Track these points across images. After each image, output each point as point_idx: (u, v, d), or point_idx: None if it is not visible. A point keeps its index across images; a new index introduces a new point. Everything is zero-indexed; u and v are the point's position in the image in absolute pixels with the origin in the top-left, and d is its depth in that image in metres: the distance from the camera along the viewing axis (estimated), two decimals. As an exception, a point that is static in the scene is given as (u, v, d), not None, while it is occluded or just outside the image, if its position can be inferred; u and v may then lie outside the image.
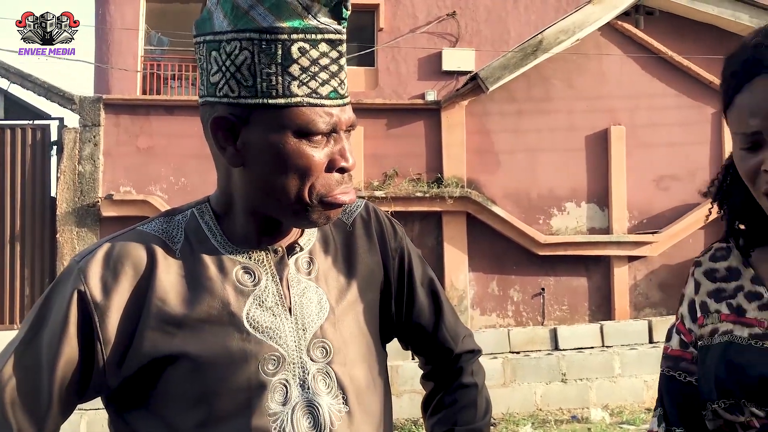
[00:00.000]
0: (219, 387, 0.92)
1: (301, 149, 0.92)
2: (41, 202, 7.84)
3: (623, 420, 5.81)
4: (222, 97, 0.93)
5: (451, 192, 7.63)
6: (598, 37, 8.13)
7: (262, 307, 0.96)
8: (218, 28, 0.93)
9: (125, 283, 0.94)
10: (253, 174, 0.95)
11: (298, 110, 0.92)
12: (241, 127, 0.93)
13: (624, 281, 7.96)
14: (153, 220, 1.02)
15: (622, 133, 8.10)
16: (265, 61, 0.90)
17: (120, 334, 0.93)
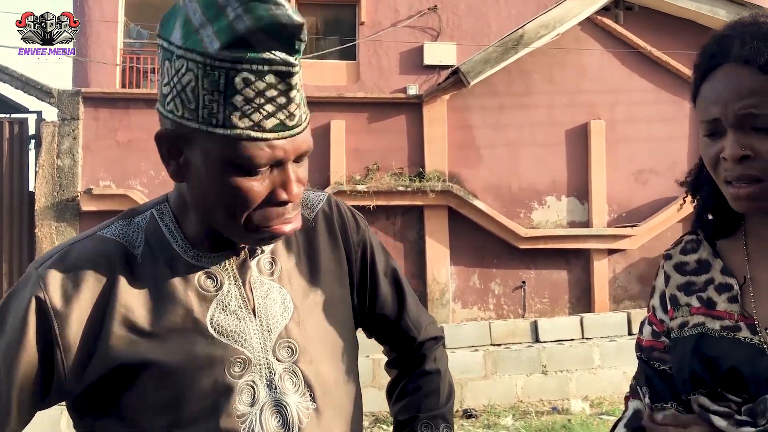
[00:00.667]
0: (186, 392, 0.92)
1: (238, 183, 0.89)
2: (19, 197, 7.75)
3: (603, 411, 5.88)
4: (168, 111, 0.90)
5: (433, 186, 7.65)
6: (578, 32, 8.19)
7: (225, 311, 0.96)
8: (173, 38, 0.89)
9: (86, 291, 0.92)
10: (193, 192, 0.94)
11: (238, 143, 0.87)
12: (185, 146, 0.90)
13: (603, 274, 8.04)
14: (112, 224, 1.00)
15: (601, 128, 8.17)
16: (208, 87, 0.86)
17: (82, 342, 0.91)
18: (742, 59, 0.95)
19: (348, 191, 7.59)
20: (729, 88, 0.96)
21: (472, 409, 5.94)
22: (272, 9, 0.84)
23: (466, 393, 6.05)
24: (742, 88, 0.94)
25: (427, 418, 1.18)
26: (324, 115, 7.80)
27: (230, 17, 0.84)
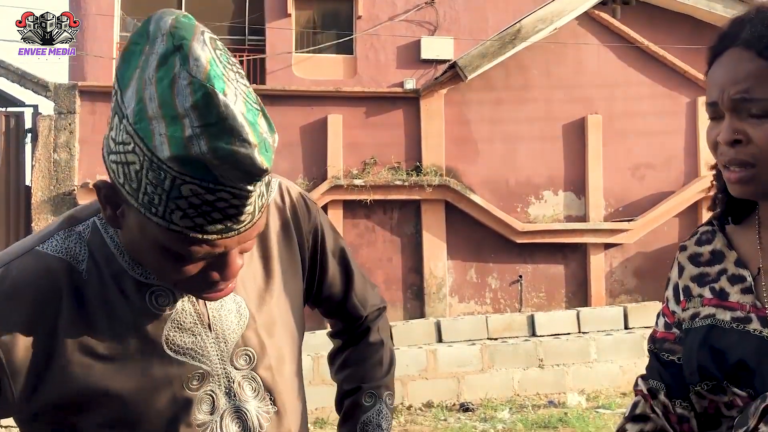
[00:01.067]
0: (144, 411, 0.92)
1: (169, 264, 0.85)
2: (16, 191, 7.74)
3: (599, 404, 5.90)
4: (111, 170, 0.82)
5: (430, 180, 7.66)
6: (576, 27, 8.19)
7: (180, 329, 0.94)
8: (126, 101, 0.79)
9: (31, 315, 0.87)
10: (127, 242, 0.90)
11: (175, 235, 0.81)
12: (123, 204, 0.84)
13: (600, 268, 8.07)
14: (52, 236, 0.92)
15: (598, 122, 8.18)
16: (152, 180, 0.77)
17: (31, 367, 0.87)
18: (746, 43, 0.94)
19: (345, 185, 7.59)
20: (727, 72, 0.96)
21: (469, 403, 5.96)
22: (235, 146, 0.75)
23: (462, 386, 6.07)
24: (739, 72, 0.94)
25: (371, 389, 1.20)
26: (321, 110, 7.80)
27: (186, 132, 0.75)
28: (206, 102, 0.75)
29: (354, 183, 7.60)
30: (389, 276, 7.80)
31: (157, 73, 0.77)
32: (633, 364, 6.41)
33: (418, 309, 7.80)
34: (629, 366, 6.40)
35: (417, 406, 5.91)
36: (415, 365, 6.01)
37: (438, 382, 6.05)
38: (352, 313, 1.23)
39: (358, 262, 1.24)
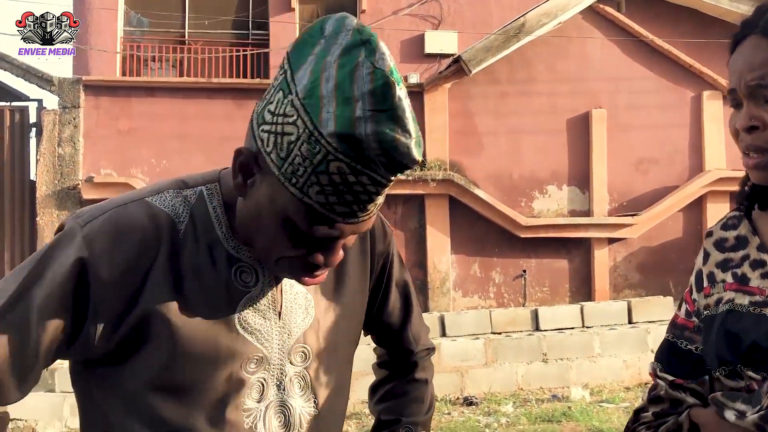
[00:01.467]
0: (200, 379, 0.93)
1: (287, 235, 0.90)
2: (21, 185, 7.76)
3: (603, 399, 5.91)
4: (259, 138, 0.88)
5: (434, 175, 7.65)
6: (580, 21, 8.16)
7: (254, 308, 0.97)
8: (298, 79, 0.86)
9: (130, 259, 0.91)
10: (246, 211, 0.93)
11: (305, 208, 0.86)
12: (258, 172, 0.90)
13: (604, 263, 8.06)
14: (163, 192, 0.97)
15: (603, 116, 8.16)
16: (304, 152, 0.84)
17: (117, 309, 0.91)
18: (765, 31, 0.95)
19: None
20: (745, 59, 0.97)
21: (473, 397, 5.96)
22: (398, 134, 0.82)
23: (466, 380, 6.08)
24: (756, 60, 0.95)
25: (409, 423, 1.23)
26: (325, 104, 7.79)
27: (356, 113, 0.82)
28: (384, 90, 0.82)
29: (358, 177, 7.61)
30: (393, 270, 7.80)
31: (340, 59, 0.84)
32: (637, 358, 6.41)
33: (421, 303, 7.81)
34: (633, 360, 6.40)
35: (421, 400, 5.93)
36: (418, 359, 6.02)
37: (442, 376, 6.05)
38: (405, 345, 1.24)
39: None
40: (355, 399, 5.85)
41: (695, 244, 8.29)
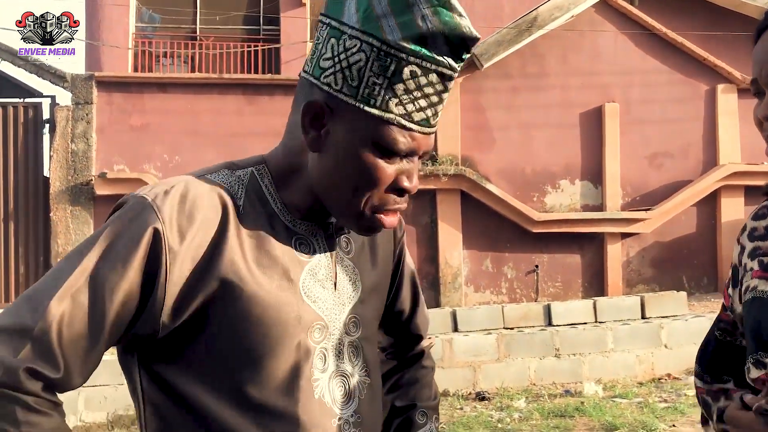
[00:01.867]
0: (273, 347, 0.95)
1: (376, 162, 0.95)
2: (34, 181, 7.81)
3: (616, 394, 5.88)
4: (324, 84, 0.94)
5: (446, 170, 7.64)
6: (593, 14, 8.11)
7: (314, 278, 1.00)
8: (346, 19, 0.94)
9: (200, 231, 0.93)
10: (325, 164, 0.97)
11: (387, 126, 0.93)
12: (331, 119, 0.94)
13: (617, 258, 8.02)
14: (218, 170, 1.01)
15: (615, 110, 8.11)
16: (376, 70, 0.92)
17: (186, 282, 0.92)
18: None
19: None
20: (766, 49, 0.96)
21: (485, 392, 5.95)
22: (456, 18, 0.92)
23: (478, 376, 6.07)
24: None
25: (423, 408, 1.27)
26: (336, 99, 7.79)
27: (416, 15, 0.91)
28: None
29: (369, 172, 7.60)
30: (405, 265, 7.80)
31: None
32: (650, 353, 6.37)
33: (433, 299, 7.80)
34: (646, 356, 6.37)
35: (433, 395, 5.93)
36: (431, 354, 6.02)
37: (454, 371, 6.05)
38: (414, 333, 1.29)
39: None
40: (368, 394, 5.86)
41: (709, 239, 8.24)
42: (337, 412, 1.00)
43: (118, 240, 0.91)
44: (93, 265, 0.90)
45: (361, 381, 1.04)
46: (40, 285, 0.91)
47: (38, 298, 0.89)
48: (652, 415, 5.21)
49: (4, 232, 7.74)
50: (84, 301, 0.89)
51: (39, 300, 0.89)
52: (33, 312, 0.88)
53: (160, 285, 0.90)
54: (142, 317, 0.92)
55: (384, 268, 1.15)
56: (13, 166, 7.76)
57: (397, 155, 0.95)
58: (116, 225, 0.92)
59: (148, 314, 0.91)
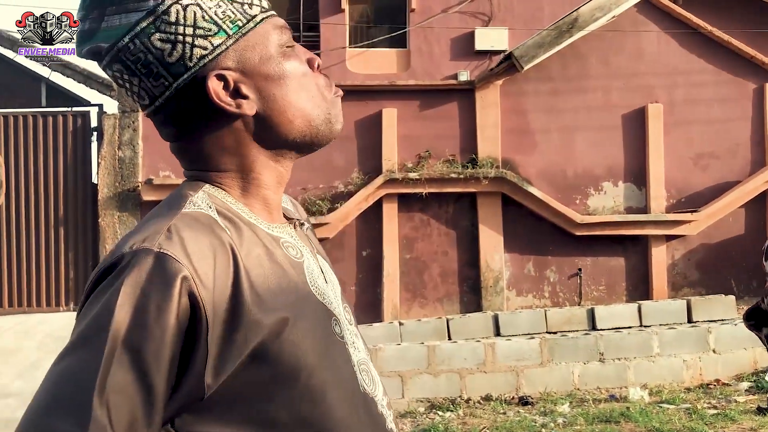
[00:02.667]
0: (319, 350, 0.89)
1: (289, 60, 0.92)
2: (83, 188, 8.02)
3: (662, 399, 5.78)
4: (195, 64, 0.87)
5: (486, 173, 7.60)
6: (635, 14, 7.99)
7: (312, 276, 0.95)
8: (136, 17, 0.86)
9: (218, 271, 0.82)
10: (272, 109, 0.90)
11: (263, 30, 0.90)
12: (235, 74, 0.88)
13: (662, 261, 7.88)
14: (187, 201, 0.88)
15: (659, 111, 7.97)
16: (210, 3, 0.87)
17: (223, 331, 0.80)
18: None
19: (400, 179, 7.61)
20: None
21: (528, 396, 5.91)
22: None
23: (521, 380, 6.03)
24: None
25: None
26: (375, 104, 7.82)
27: None
28: None
29: (409, 176, 7.61)
30: (445, 269, 7.78)
31: None
32: (698, 358, 6.25)
33: (474, 302, 7.77)
34: (693, 361, 6.24)
35: (476, 399, 5.90)
36: (473, 359, 6.00)
37: (496, 376, 6.02)
38: None
39: (413, 255, 1.27)
40: (410, 397, 5.86)
41: (758, 241, 8.03)
42: (378, 400, 0.96)
43: (144, 301, 0.76)
44: (123, 339, 0.75)
45: (373, 366, 1.00)
46: (67, 386, 0.75)
47: (73, 401, 0.73)
48: (701, 421, 5.11)
49: (54, 238, 7.97)
50: (129, 387, 0.75)
51: (76, 404, 0.73)
52: (75, 422, 0.72)
53: (201, 340, 0.79)
54: (185, 382, 0.79)
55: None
56: (63, 173, 7.98)
57: (288, 44, 0.92)
58: (131, 287, 0.77)
59: (192, 377, 0.79)
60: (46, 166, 7.96)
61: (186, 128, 0.91)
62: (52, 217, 7.96)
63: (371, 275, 7.69)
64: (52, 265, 7.95)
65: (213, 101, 0.87)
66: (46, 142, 7.97)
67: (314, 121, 0.94)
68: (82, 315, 0.79)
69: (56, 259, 7.96)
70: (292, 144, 0.93)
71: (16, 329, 7.26)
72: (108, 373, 0.74)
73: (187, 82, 0.87)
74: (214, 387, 0.80)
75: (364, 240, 7.73)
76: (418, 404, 5.84)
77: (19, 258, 7.95)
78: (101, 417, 0.72)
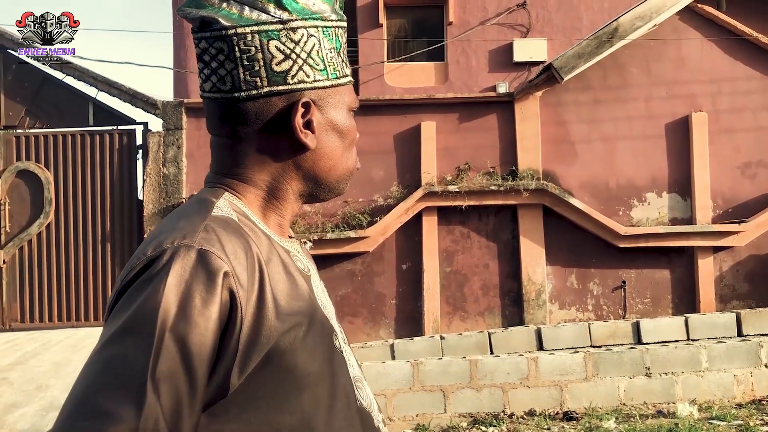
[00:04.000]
0: (324, 359, 0.92)
1: (353, 123, 1.03)
2: (129, 204, 8.20)
3: (712, 416, 5.63)
4: (296, 83, 0.94)
5: (527, 184, 7.55)
6: (677, 22, 7.88)
7: (317, 290, 0.99)
8: (265, 17, 0.92)
9: (250, 271, 0.85)
10: (324, 153, 0.99)
11: (349, 88, 1.02)
12: (316, 110, 0.97)
13: (709, 273, 7.70)
14: (213, 205, 0.91)
15: (703, 120, 7.82)
16: (328, 46, 0.97)
17: (251, 331, 0.83)
18: None
19: (439, 192, 7.60)
20: None
21: (573, 412, 5.82)
22: None
23: (565, 395, 5.94)
24: None
25: None
26: (414, 117, 7.84)
27: None
28: None
29: (448, 189, 7.59)
30: (486, 282, 7.73)
31: None
32: (749, 373, 6.08)
33: (516, 316, 7.70)
34: (744, 375, 6.07)
35: (519, 415, 5.83)
36: (516, 373, 5.93)
37: (540, 391, 5.94)
38: None
39: (454, 268, 1.29)
40: (452, 412, 5.82)
41: (810, 252, 7.81)
42: (375, 415, 1.00)
43: (189, 293, 0.78)
44: (171, 328, 0.77)
45: (365, 382, 1.02)
46: (118, 371, 0.76)
47: (126, 385, 0.75)
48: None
49: (101, 253, 8.16)
50: (176, 375, 0.77)
51: (130, 388, 0.74)
52: (130, 404, 0.74)
53: (234, 337, 0.81)
54: (214, 378, 0.81)
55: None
56: (110, 190, 8.18)
57: (354, 108, 1.03)
58: (176, 278, 0.79)
59: (221, 373, 0.81)
60: (94, 183, 8.16)
61: (244, 130, 0.95)
62: (99, 233, 8.16)
63: (411, 289, 7.68)
64: (99, 279, 8.14)
65: (292, 121, 0.94)
66: (93, 159, 8.18)
67: (341, 180, 1.02)
68: (121, 307, 0.80)
69: (103, 274, 8.14)
70: (317, 186, 1.01)
71: (65, 342, 7.44)
72: (158, 361, 0.75)
73: (276, 94, 0.94)
74: (236, 386, 0.82)
75: (403, 253, 7.73)
76: (461, 419, 5.79)
77: (67, 273, 8.15)
78: (154, 402, 0.74)
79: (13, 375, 6.45)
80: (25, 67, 8.22)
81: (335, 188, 1.02)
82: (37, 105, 8.35)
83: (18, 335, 7.87)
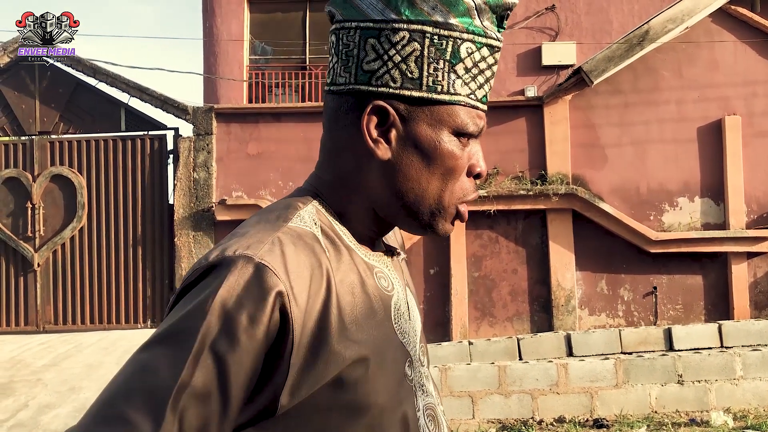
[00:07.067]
0: (385, 388, 0.87)
1: (453, 149, 0.89)
2: (160, 208, 8.31)
3: (748, 425, 5.52)
4: (380, 86, 0.88)
5: (556, 189, 7.49)
6: (709, 24, 7.76)
7: (398, 312, 0.92)
8: (375, 15, 0.89)
9: (312, 293, 0.82)
10: (398, 169, 0.89)
11: (457, 109, 0.89)
12: (396, 120, 0.89)
13: (743, 278, 7.56)
14: (295, 214, 0.89)
15: (737, 123, 7.70)
16: (434, 55, 0.88)
17: (306, 354, 0.80)
18: None
19: (468, 196, 7.57)
20: None
21: (603, 419, 5.75)
22: None
23: (596, 402, 5.87)
24: None
25: None
26: (443, 121, 7.82)
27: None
28: None
29: (477, 193, 7.56)
30: (514, 288, 7.68)
31: None
32: (785, 382, 5.95)
33: (545, 321, 7.63)
34: (781, 384, 5.94)
35: (548, 421, 5.78)
36: (545, 379, 5.88)
37: (570, 397, 5.88)
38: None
39: (482, 273, 1.24)
40: (481, 418, 5.79)
41: None
42: None
43: (237, 309, 0.76)
44: (211, 344, 0.75)
45: (442, 411, 0.97)
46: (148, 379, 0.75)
47: (152, 396, 0.74)
48: (791, 448, 4.86)
49: (132, 257, 8.28)
50: (208, 393, 0.75)
51: (154, 400, 0.73)
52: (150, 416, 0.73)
53: (284, 358, 0.78)
54: (260, 397, 0.79)
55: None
56: (141, 194, 8.30)
57: (469, 137, 0.91)
58: (228, 291, 0.77)
59: (269, 393, 0.79)
60: (125, 188, 8.29)
61: (334, 126, 0.93)
62: (131, 237, 8.27)
63: (439, 293, 7.66)
64: (131, 283, 8.25)
65: (361, 124, 0.89)
66: (125, 164, 8.31)
67: (413, 214, 0.91)
68: (178, 307, 0.80)
69: (134, 278, 8.25)
70: (394, 205, 0.91)
71: (97, 345, 7.55)
72: (192, 376, 0.74)
73: (357, 93, 0.89)
74: (287, 408, 0.79)
75: (431, 258, 7.72)
76: (489, 425, 5.76)
77: (100, 276, 8.28)
78: (173, 421, 0.73)
79: (48, 376, 6.57)
80: (59, 73, 8.37)
81: (416, 216, 0.90)
82: (70, 111, 8.51)
83: (51, 337, 8.01)
